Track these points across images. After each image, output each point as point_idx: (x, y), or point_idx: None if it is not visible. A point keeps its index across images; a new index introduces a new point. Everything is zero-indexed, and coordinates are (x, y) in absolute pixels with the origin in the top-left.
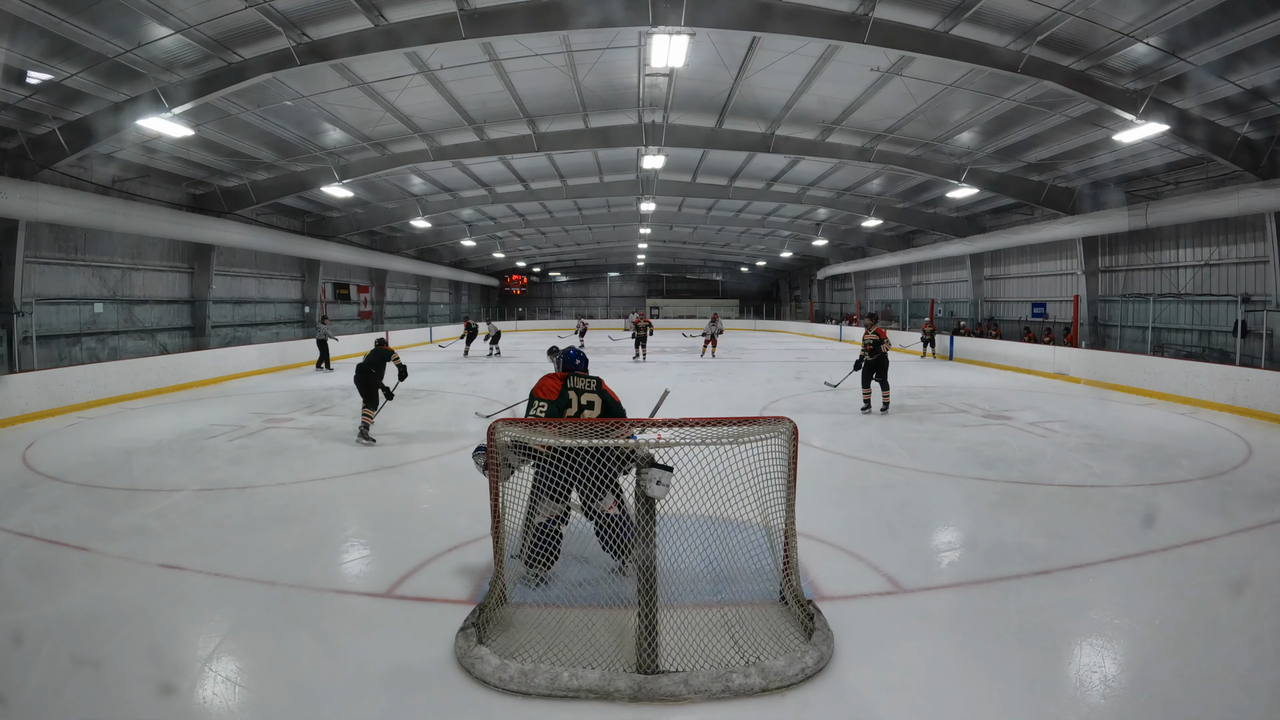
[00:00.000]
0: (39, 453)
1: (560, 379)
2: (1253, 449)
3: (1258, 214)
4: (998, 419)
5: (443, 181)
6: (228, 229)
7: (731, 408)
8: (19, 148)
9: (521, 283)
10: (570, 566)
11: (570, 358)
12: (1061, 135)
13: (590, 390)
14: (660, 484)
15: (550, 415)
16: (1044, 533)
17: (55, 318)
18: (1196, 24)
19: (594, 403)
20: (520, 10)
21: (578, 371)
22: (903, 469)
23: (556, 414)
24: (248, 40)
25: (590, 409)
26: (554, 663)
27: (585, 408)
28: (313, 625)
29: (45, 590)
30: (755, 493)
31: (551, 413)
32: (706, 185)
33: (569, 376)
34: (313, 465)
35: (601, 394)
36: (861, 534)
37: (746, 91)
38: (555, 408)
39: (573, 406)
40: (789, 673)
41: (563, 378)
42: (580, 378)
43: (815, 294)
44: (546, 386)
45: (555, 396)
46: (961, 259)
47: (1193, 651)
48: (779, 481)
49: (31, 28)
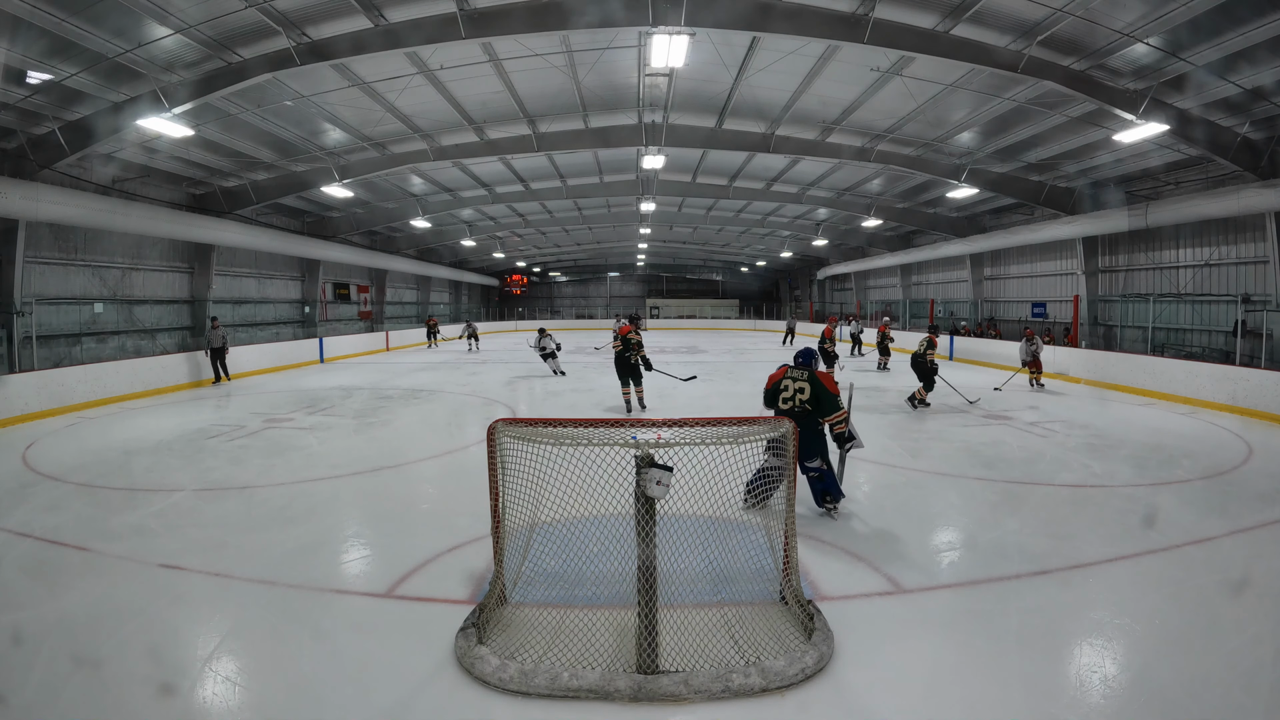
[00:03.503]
0: (39, 453)
1: (782, 372)
2: (1253, 449)
3: (1258, 214)
4: (998, 419)
5: (443, 181)
6: (228, 229)
7: (731, 408)
8: (19, 148)
9: (521, 283)
10: (570, 567)
11: (798, 355)
12: (1061, 135)
13: (802, 379)
14: (660, 484)
15: (766, 400)
16: (1044, 533)
17: (55, 318)
18: (1196, 24)
19: (805, 389)
20: (520, 10)
21: (797, 366)
22: (903, 469)
23: (771, 399)
24: (248, 40)
25: (801, 394)
26: (554, 663)
27: (797, 393)
28: (313, 625)
29: (45, 590)
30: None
31: (768, 398)
32: (706, 185)
33: (788, 370)
34: (313, 465)
35: (812, 380)
36: (861, 534)
37: (746, 91)
38: (770, 395)
39: (787, 392)
40: (789, 673)
41: (783, 372)
42: (796, 369)
43: (815, 294)
44: (771, 377)
45: (770, 386)
46: (961, 259)
47: (1193, 651)
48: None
49: (31, 28)
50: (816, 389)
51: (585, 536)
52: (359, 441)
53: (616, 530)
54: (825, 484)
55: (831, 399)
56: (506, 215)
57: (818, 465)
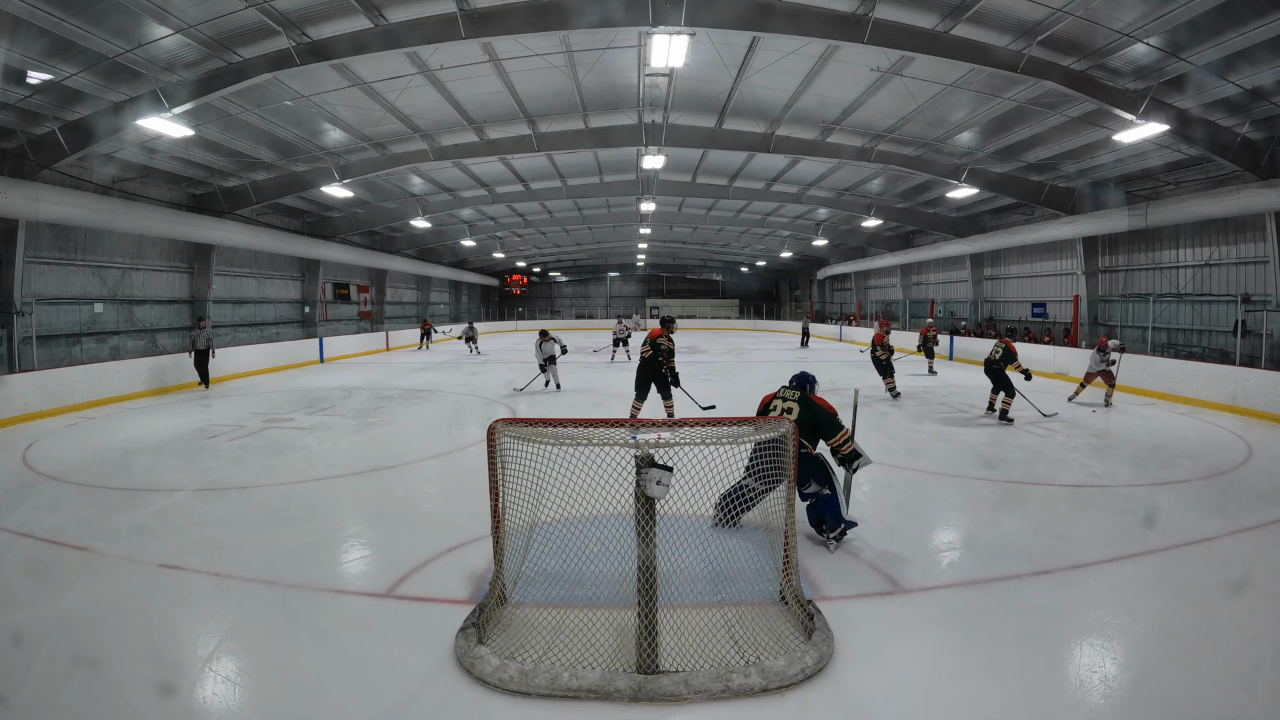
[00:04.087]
0: (39, 453)
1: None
2: (1253, 449)
3: (1258, 214)
4: (998, 419)
5: (443, 181)
6: (228, 229)
7: (732, 408)
8: (19, 148)
9: (521, 283)
10: (570, 567)
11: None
12: (1061, 135)
13: (791, 399)
14: (660, 484)
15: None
16: (1044, 533)
17: (55, 318)
18: (1196, 24)
19: (794, 409)
20: (520, 10)
21: (790, 387)
22: (903, 469)
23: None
24: (248, 40)
25: (789, 414)
26: (554, 663)
27: (785, 413)
28: (313, 625)
29: (45, 590)
30: None
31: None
32: (706, 185)
33: (781, 390)
34: (313, 465)
35: (803, 401)
36: (861, 534)
37: (746, 91)
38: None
39: (775, 411)
40: (789, 673)
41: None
42: (789, 389)
43: (815, 294)
44: (764, 398)
45: (760, 407)
46: (961, 259)
47: (1193, 651)
48: None
49: (31, 28)
50: (809, 411)
51: (585, 536)
52: (359, 441)
53: (616, 530)
54: (821, 510)
55: (830, 420)
56: (506, 215)
57: (814, 490)
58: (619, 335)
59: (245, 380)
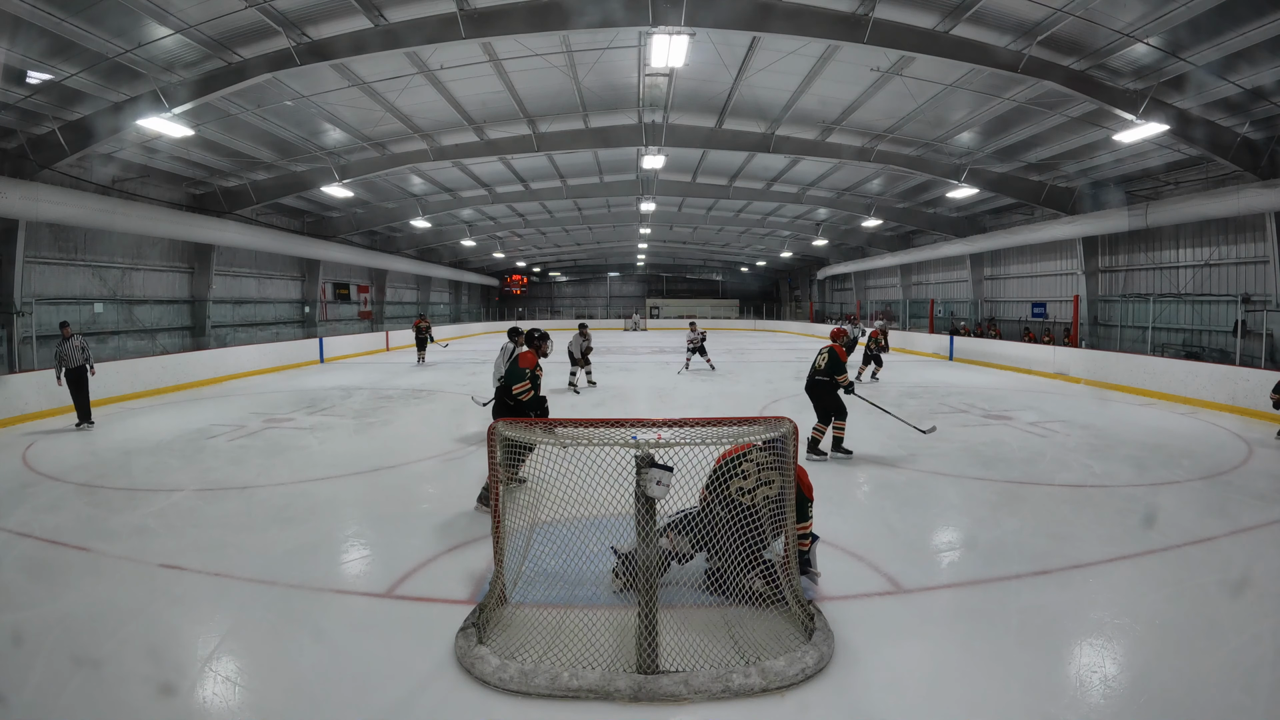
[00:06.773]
0: (39, 453)
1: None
2: (1252, 449)
3: (1258, 214)
4: (998, 419)
5: (443, 181)
6: (228, 229)
7: (732, 408)
8: (19, 148)
9: (521, 283)
10: (570, 567)
11: None
12: (1061, 135)
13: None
14: (660, 484)
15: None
16: (1044, 533)
17: (55, 318)
18: (1196, 24)
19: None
20: (520, 10)
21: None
22: (903, 469)
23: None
24: (248, 40)
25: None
26: (554, 663)
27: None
28: (313, 625)
29: (45, 590)
30: None
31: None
32: (706, 185)
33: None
34: (313, 465)
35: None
36: (861, 534)
37: (746, 91)
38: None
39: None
40: (789, 673)
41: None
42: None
43: (815, 294)
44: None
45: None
46: (961, 259)
47: (1193, 651)
48: None
49: (31, 28)
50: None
51: (585, 536)
52: (359, 441)
53: (616, 530)
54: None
55: (802, 503)
56: (506, 215)
57: None
58: (694, 343)
59: (245, 380)
